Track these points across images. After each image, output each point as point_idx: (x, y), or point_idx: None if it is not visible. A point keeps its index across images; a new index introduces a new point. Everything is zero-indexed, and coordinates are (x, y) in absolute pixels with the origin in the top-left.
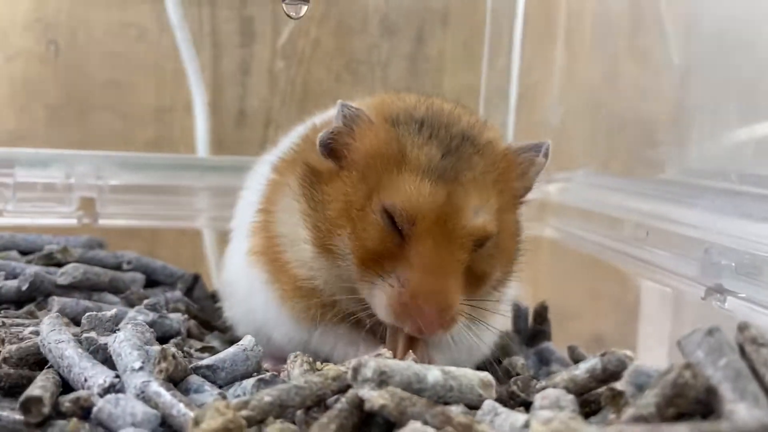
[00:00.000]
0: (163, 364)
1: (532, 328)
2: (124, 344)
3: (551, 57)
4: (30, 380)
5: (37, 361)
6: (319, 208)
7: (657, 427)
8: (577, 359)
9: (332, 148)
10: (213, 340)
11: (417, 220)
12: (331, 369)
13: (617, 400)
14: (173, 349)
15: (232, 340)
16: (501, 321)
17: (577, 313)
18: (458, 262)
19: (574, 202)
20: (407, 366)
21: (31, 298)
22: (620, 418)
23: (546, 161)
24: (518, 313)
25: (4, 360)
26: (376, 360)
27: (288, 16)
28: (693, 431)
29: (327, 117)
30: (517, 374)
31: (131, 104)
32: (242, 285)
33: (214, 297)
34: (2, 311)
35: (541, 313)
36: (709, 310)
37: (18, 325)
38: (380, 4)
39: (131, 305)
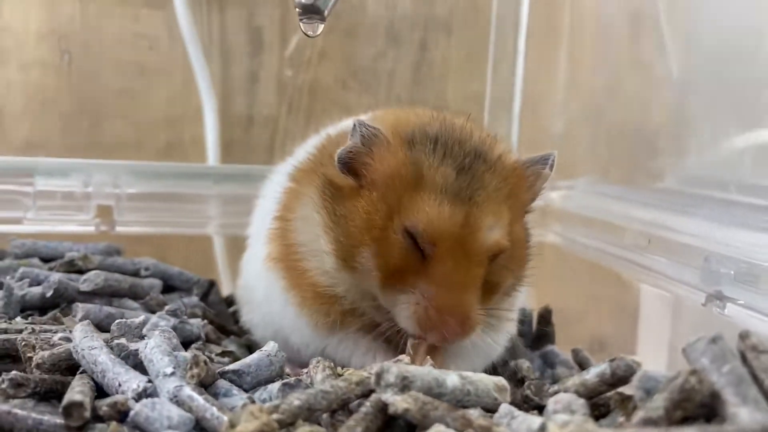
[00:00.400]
0: (195, 370)
1: (537, 332)
2: (155, 350)
3: (554, 67)
4: (64, 385)
5: (68, 366)
6: (341, 222)
7: (666, 430)
8: (580, 362)
9: (350, 165)
10: (230, 345)
11: (438, 241)
12: (354, 374)
13: (626, 404)
14: (204, 356)
15: (249, 344)
16: (512, 325)
17: (579, 317)
18: (476, 277)
19: (576, 209)
20: (427, 371)
21: (54, 305)
22: (630, 421)
23: (551, 173)
24: (523, 317)
25: (38, 366)
26: (398, 365)
27: (306, 35)
28: None
29: (342, 128)
30: (524, 376)
31: (143, 112)
32: (260, 290)
33: (227, 302)
34: (28, 318)
35: (545, 316)
36: (708, 316)
37: (46, 331)
38: (385, 13)
39: (151, 311)
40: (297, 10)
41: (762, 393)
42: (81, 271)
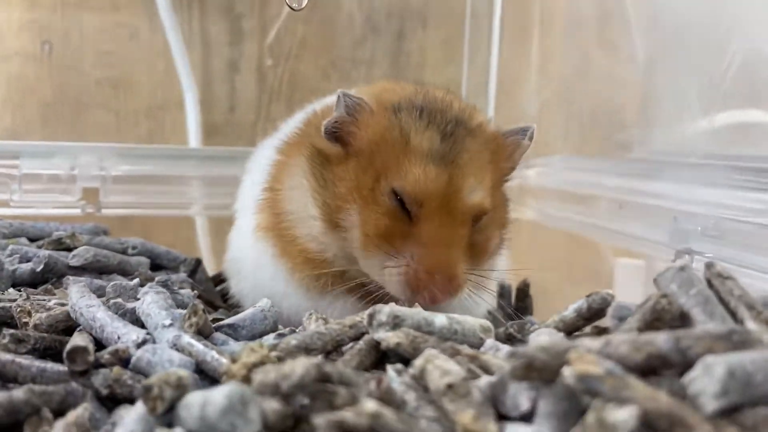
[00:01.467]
0: (194, 319)
1: (516, 305)
2: (152, 305)
3: (527, 52)
4: (62, 343)
5: (65, 328)
6: (329, 186)
7: (639, 335)
8: None
9: (336, 134)
10: (219, 317)
11: (424, 201)
12: (347, 318)
13: (602, 335)
14: (202, 305)
15: None
16: (492, 285)
17: (557, 289)
18: (461, 237)
19: (552, 185)
20: (417, 312)
21: (44, 280)
22: None
23: (530, 144)
24: (502, 291)
25: (35, 327)
26: (390, 306)
27: (290, 7)
28: (671, 337)
29: (327, 103)
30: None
31: (124, 102)
32: (249, 260)
33: (214, 280)
34: (20, 291)
35: (524, 290)
36: None
37: (40, 299)
38: (364, 4)
39: (140, 286)
40: None
41: (728, 312)
42: (69, 249)
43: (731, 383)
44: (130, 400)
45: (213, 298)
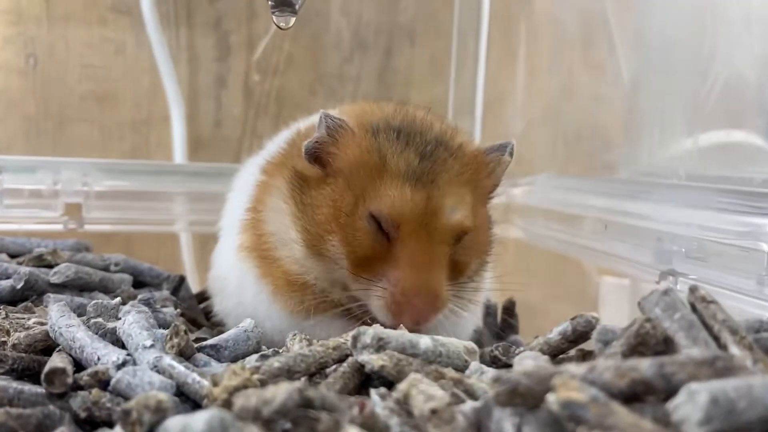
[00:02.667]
0: (175, 340)
1: (502, 323)
2: (133, 326)
3: (513, 71)
4: (40, 364)
5: (44, 348)
6: (308, 211)
7: (624, 361)
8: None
9: (317, 155)
10: (202, 336)
11: (402, 223)
12: (331, 340)
13: (587, 359)
14: (183, 326)
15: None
16: (478, 309)
17: (542, 307)
18: (441, 257)
19: (537, 203)
20: (401, 334)
21: (23, 298)
22: None
23: (511, 159)
24: (488, 309)
25: (13, 346)
26: (374, 328)
27: (278, 27)
28: (655, 363)
29: (311, 122)
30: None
31: (109, 116)
32: (232, 279)
33: (198, 297)
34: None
35: (510, 308)
36: None
37: (19, 319)
38: (351, 21)
39: (122, 304)
40: (270, 2)
41: (711, 336)
42: (50, 266)
43: (714, 410)
44: (109, 424)
45: (196, 316)
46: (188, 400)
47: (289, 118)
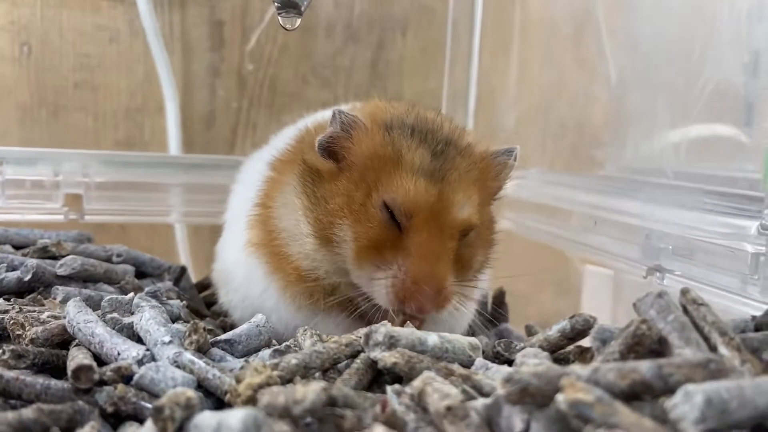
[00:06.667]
0: (194, 336)
1: (492, 311)
2: (150, 322)
3: (506, 66)
4: (59, 357)
5: (61, 342)
6: (321, 203)
7: (625, 363)
8: (533, 335)
9: (330, 150)
10: (207, 326)
11: (414, 213)
12: (343, 337)
13: (584, 355)
14: (202, 323)
15: (224, 326)
16: (474, 303)
17: (531, 296)
18: (449, 250)
19: (527, 197)
20: (411, 332)
21: (30, 289)
22: None
23: (515, 164)
24: (480, 299)
25: (31, 341)
26: (385, 326)
27: (284, 28)
28: (654, 365)
29: (320, 120)
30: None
31: (103, 105)
32: (239, 273)
33: (198, 287)
34: (9, 300)
35: (500, 297)
36: (645, 290)
37: (30, 311)
38: (344, 12)
39: (126, 294)
40: (275, 4)
41: (702, 337)
42: (55, 257)
43: (709, 410)
44: (134, 417)
45: (198, 306)
46: (209, 394)
47: (283, 107)
